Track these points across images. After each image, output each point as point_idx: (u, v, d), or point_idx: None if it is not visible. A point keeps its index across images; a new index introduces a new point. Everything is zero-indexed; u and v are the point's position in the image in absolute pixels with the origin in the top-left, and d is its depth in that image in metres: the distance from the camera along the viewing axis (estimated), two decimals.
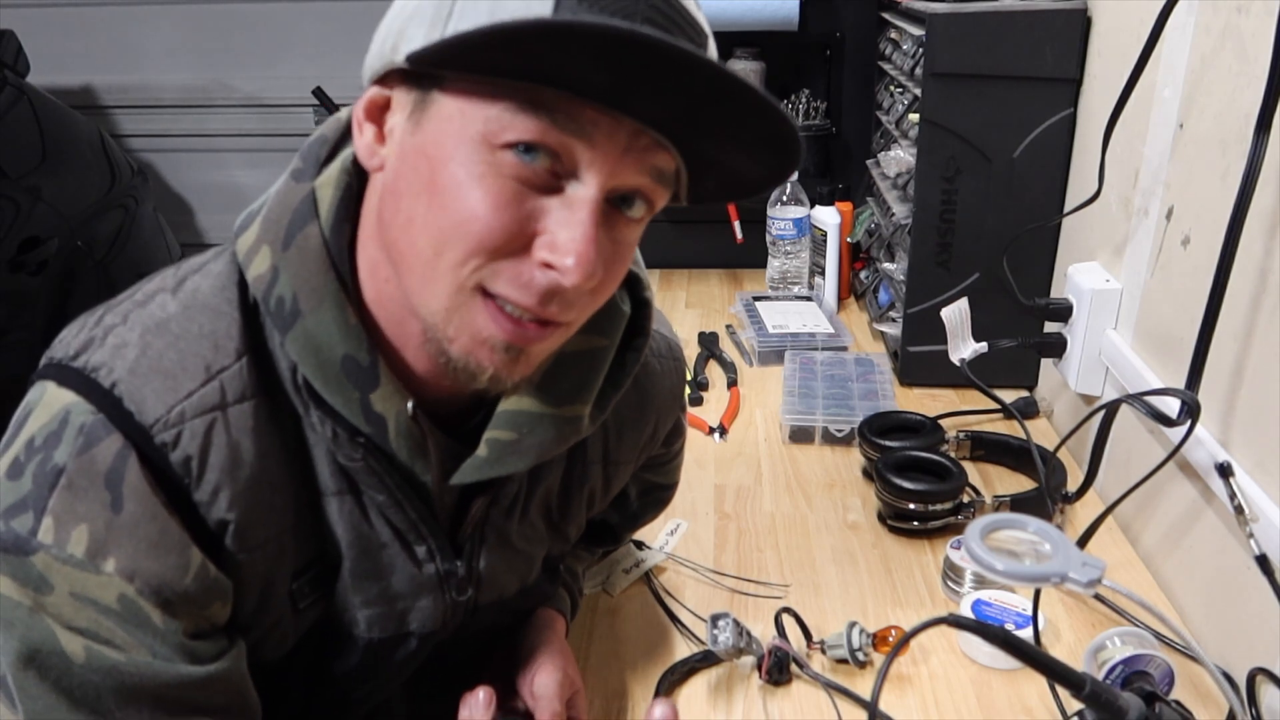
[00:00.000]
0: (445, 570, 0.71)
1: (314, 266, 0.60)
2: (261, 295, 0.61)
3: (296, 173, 0.63)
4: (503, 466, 0.67)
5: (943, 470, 1.11)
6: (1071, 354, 1.22)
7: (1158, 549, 1.04)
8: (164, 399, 0.59)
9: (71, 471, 0.57)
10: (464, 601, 0.73)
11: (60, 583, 0.56)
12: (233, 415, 0.60)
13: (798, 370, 1.43)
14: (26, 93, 2.31)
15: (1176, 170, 1.01)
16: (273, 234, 0.61)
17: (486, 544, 0.73)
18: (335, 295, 0.60)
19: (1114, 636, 0.81)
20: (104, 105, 3.02)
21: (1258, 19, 0.85)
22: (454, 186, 0.54)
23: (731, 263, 1.92)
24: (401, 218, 0.58)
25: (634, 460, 0.84)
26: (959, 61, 1.27)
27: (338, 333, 0.60)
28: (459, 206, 0.54)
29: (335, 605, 0.69)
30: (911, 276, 1.39)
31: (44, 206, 2.14)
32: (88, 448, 0.57)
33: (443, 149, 0.55)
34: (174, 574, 0.58)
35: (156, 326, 0.61)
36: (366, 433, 0.63)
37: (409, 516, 0.67)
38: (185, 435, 0.58)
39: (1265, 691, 0.80)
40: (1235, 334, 0.88)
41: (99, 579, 0.56)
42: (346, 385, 0.61)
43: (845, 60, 1.79)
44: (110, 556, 0.56)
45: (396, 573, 0.69)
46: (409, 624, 0.72)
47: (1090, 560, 0.59)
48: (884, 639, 0.91)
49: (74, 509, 0.56)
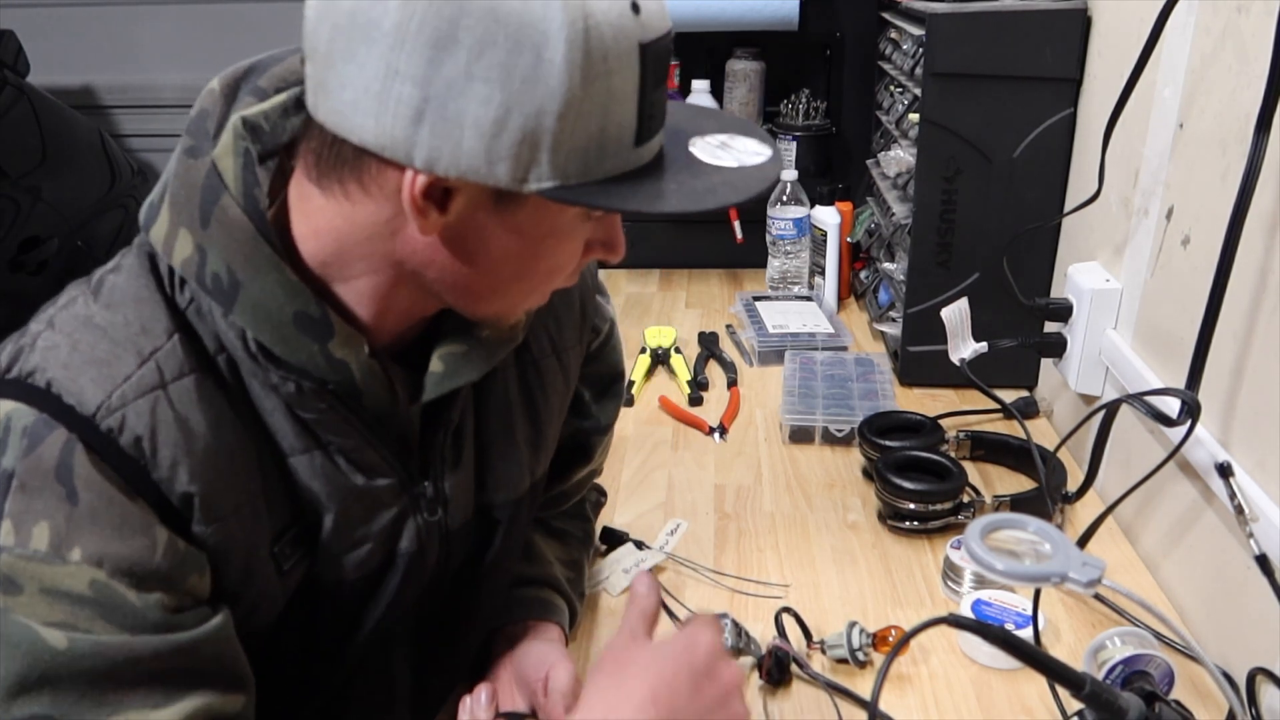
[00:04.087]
0: (415, 493, 0.74)
1: (241, 236, 0.61)
2: (194, 276, 0.62)
3: (190, 150, 0.64)
4: (460, 376, 0.71)
5: (943, 470, 1.11)
6: (1071, 354, 1.22)
7: (1158, 549, 1.04)
8: (102, 386, 0.59)
9: (21, 474, 0.57)
10: (435, 522, 0.76)
11: (28, 581, 0.56)
12: (174, 392, 0.61)
13: (798, 370, 1.43)
14: (26, 93, 2.31)
15: (1176, 170, 1.01)
16: (186, 215, 0.62)
17: (447, 464, 0.76)
18: (270, 259, 0.62)
19: (1114, 636, 0.81)
20: (104, 105, 3.03)
21: (1258, 19, 0.85)
22: (552, 251, 0.66)
23: (731, 263, 1.92)
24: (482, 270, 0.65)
25: (578, 343, 0.87)
26: (959, 61, 1.27)
27: (283, 293, 0.62)
28: (560, 267, 0.68)
29: (320, 558, 0.71)
30: (911, 276, 1.39)
31: (44, 206, 2.15)
32: (32, 448, 0.57)
33: (541, 230, 0.64)
34: (142, 553, 0.59)
35: (83, 324, 0.62)
36: (334, 380, 0.65)
37: (377, 453, 0.70)
38: (130, 417, 0.59)
39: (1265, 691, 0.80)
40: (1235, 334, 0.88)
41: (66, 569, 0.57)
42: (304, 340, 0.63)
43: (845, 60, 1.79)
44: (75, 546, 0.57)
45: (377, 510, 0.72)
46: (394, 551, 0.74)
47: (1090, 560, 0.59)
48: (884, 639, 0.91)
49: (30, 508, 0.57)
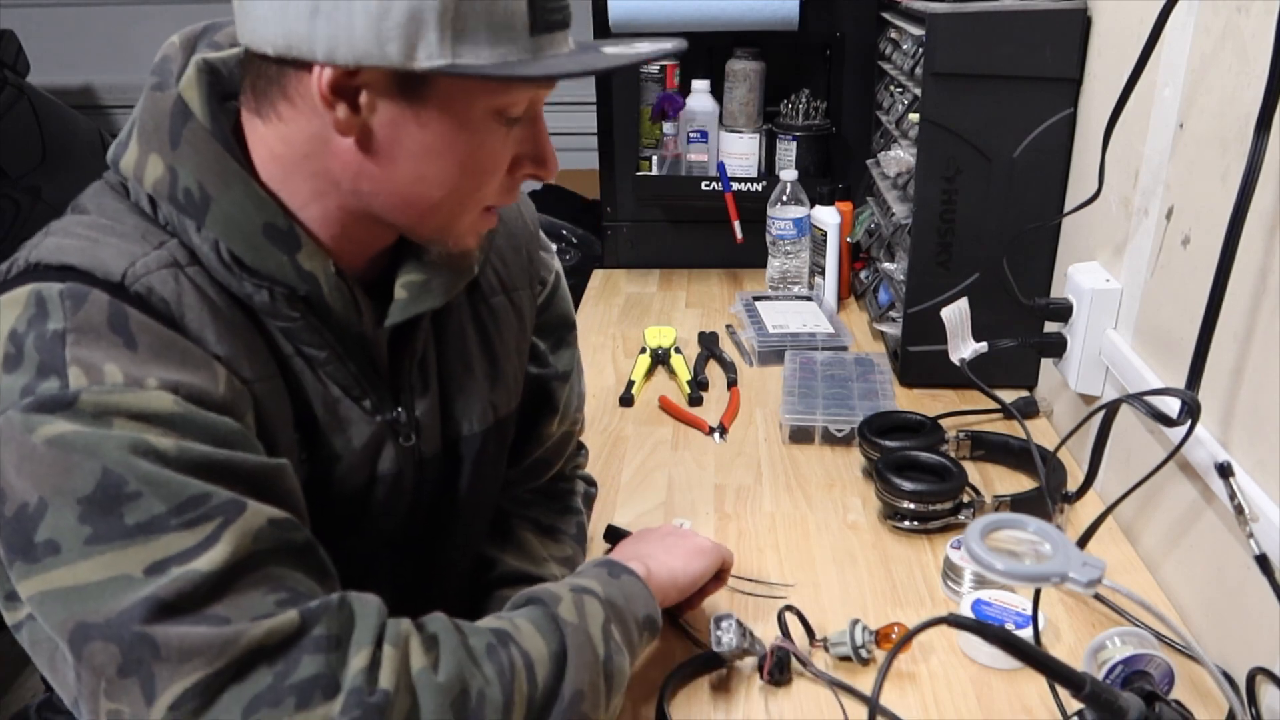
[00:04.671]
0: (390, 419, 0.77)
1: (209, 154, 0.65)
2: (166, 195, 0.65)
3: (157, 85, 0.68)
4: (422, 303, 0.74)
5: (943, 470, 1.11)
6: (1071, 354, 1.22)
7: (1158, 549, 1.04)
8: (123, 257, 0.62)
9: (74, 329, 0.58)
10: (409, 448, 0.79)
11: (115, 412, 0.57)
12: (190, 272, 0.64)
13: (798, 370, 1.43)
14: (26, 93, 2.31)
15: (1176, 170, 1.01)
16: (156, 141, 0.65)
17: (416, 392, 0.79)
18: (238, 173, 0.66)
19: (1114, 636, 0.81)
20: (104, 105, 3.03)
21: (1258, 19, 0.85)
22: (471, 151, 0.66)
23: (731, 263, 1.92)
24: (405, 175, 0.66)
25: (527, 285, 0.91)
26: (959, 61, 1.27)
27: (251, 205, 0.66)
28: (477, 165, 0.67)
29: (316, 460, 0.73)
30: (911, 276, 1.39)
31: (44, 206, 2.15)
32: (78, 307, 0.59)
33: (450, 125, 0.65)
34: (208, 383, 0.62)
35: (86, 224, 0.65)
36: (304, 290, 0.67)
37: (350, 370, 0.73)
38: (155, 283, 0.62)
39: (1265, 691, 0.80)
40: (1235, 334, 0.88)
41: (148, 394, 0.59)
42: (273, 249, 0.66)
43: (845, 60, 1.79)
44: (149, 376, 0.59)
45: (353, 424, 0.75)
46: (374, 472, 0.77)
47: (1090, 560, 0.59)
48: (887, 635, 0.91)
49: (93, 354, 0.58)
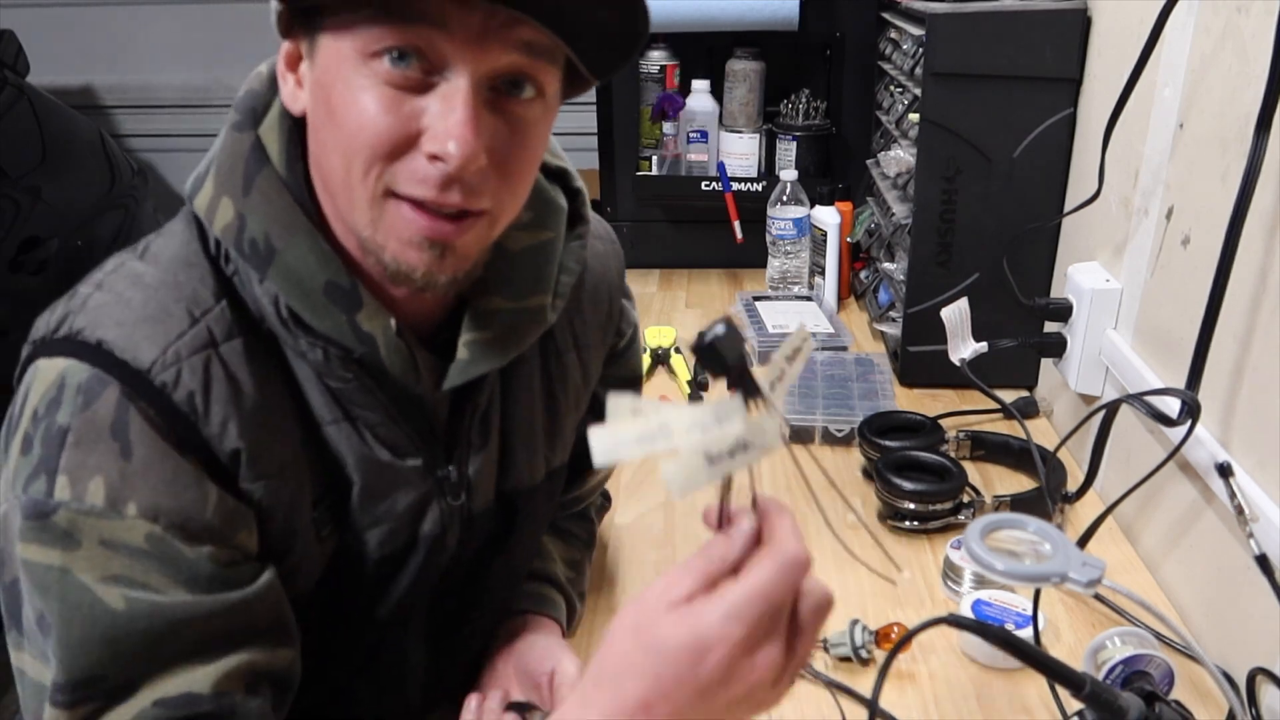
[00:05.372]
0: (440, 476, 0.74)
1: (279, 205, 0.63)
2: (233, 242, 0.63)
3: (237, 124, 0.66)
4: (484, 363, 0.70)
5: (943, 470, 1.11)
6: (1071, 354, 1.22)
7: (1158, 549, 1.04)
8: (156, 342, 0.61)
9: (77, 429, 0.58)
10: (458, 506, 0.75)
11: (87, 535, 0.58)
12: (225, 352, 0.63)
13: None
14: (26, 93, 2.31)
15: (1176, 170, 1.01)
16: (230, 185, 0.64)
17: (473, 449, 0.75)
18: (305, 227, 0.63)
19: (1114, 636, 0.81)
20: (104, 105, 3.03)
21: (1258, 19, 0.85)
22: (343, 105, 0.59)
23: (731, 263, 1.92)
24: (319, 148, 0.62)
25: (601, 344, 0.87)
26: (959, 61, 1.27)
27: (315, 261, 0.63)
28: (349, 121, 0.59)
29: (346, 531, 0.71)
30: (911, 276, 1.39)
31: (44, 206, 2.15)
32: (88, 404, 0.59)
33: (330, 74, 0.59)
34: (194, 508, 0.60)
35: (132, 283, 0.63)
36: (360, 352, 0.65)
37: (403, 431, 0.70)
38: (185, 373, 0.61)
39: (1265, 691, 0.80)
40: (1235, 334, 0.88)
41: (124, 523, 0.58)
42: (333, 309, 0.63)
43: (845, 60, 1.79)
44: (130, 501, 0.58)
45: (400, 488, 0.72)
46: (416, 536, 0.74)
47: (1090, 560, 0.59)
48: (886, 635, 0.91)
49: (85, 463, 0.58)
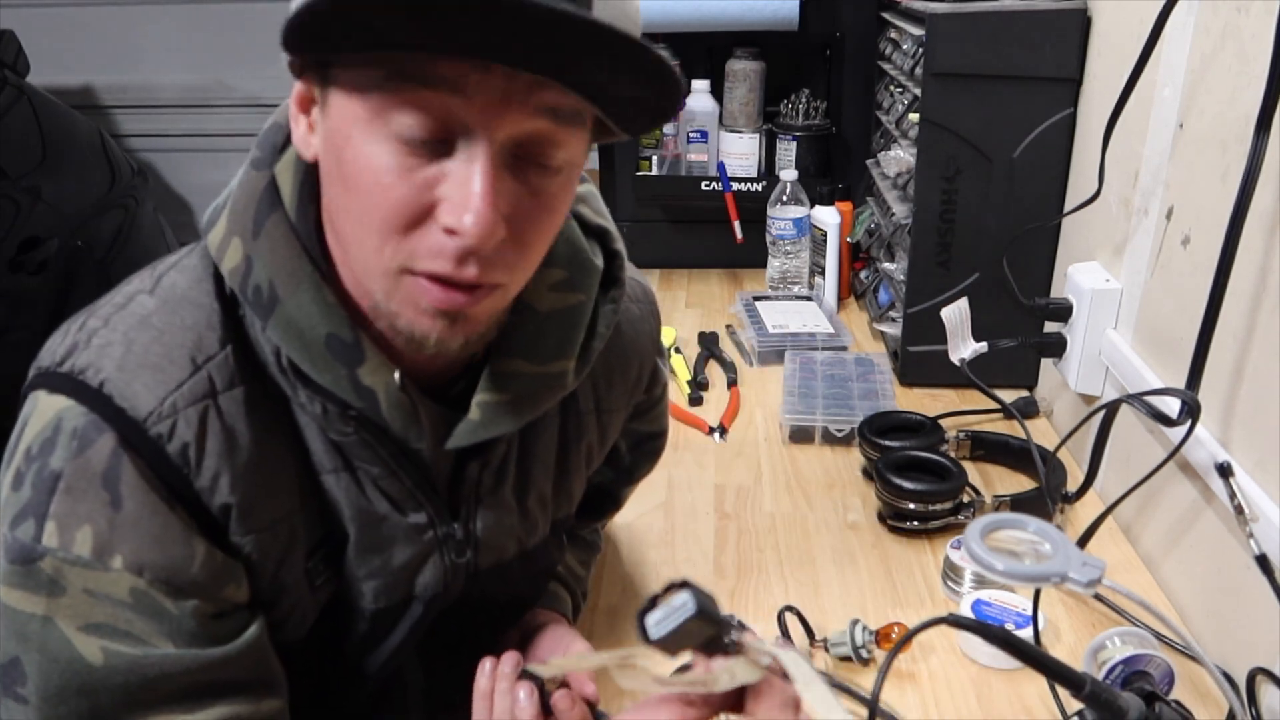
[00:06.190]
0: (443, 534, 0.71)
1: (286, 252, 0.61)
2: (239, 286, 0.62)
3: (256, 161, 0.64)
4: (495, 427, 0.67)
5: (943, 470, 1.11)
6: (1071, 354, 1.22)
7: (1158, 549, 1.04)
8: (155, 392, 0.59)
9: (69, 475, 0.57)
10: (463, 564, 0.73)
11: (72, 583, 0.57)
12: (224, 402, 0.61)
13: (798, 370, 1.43)
14: (26, 93, 2.31)
15: (1176, 170, 1.01)
16: (240, 225, 0.62)
17: (482, 505, 0.73)
18: (311, 277, 0.61)
19: (1114, 636, 0.81)
20: (104, 105, 3.02)
21: (1258, 19, 0.85)
22: (356, 168, 0.55)
23: (731, 263, 1.92)
24: (331, 203, 0.59)
25: (625, 407, 0.84)
26: (959, 61, 1.27)
27: (318, 313, 0.61)
28: (362, 185, 0.55)
29: (343, 579, 0.70)
30: (911, 276, 1.39)
31: (44, 206, 2.14)
32: (82, 450, 0.58)
33: (342, 133, 0.55)
34: (181, 564, 0.59)
35: (139, 324, 0.61)
36: (359, 407, 0.63)
37: (404, 485, 0.68)
38: (180, 425, 0.59)
39: (1265, 691, 0.80)
40: (1235, 334, 0.88)
41: (109, 575, 0.57)
42: (333, 363, 0.61)
43: (845, 60, 1.79)
44: (116, 553, 0.57)
45: (398, 543, 0.70)
46: (413, 590, 0.72)
47: (1090, 560, 0.59)
48: (886, 635, 0.91)
49: (75, 511, 0.57)
